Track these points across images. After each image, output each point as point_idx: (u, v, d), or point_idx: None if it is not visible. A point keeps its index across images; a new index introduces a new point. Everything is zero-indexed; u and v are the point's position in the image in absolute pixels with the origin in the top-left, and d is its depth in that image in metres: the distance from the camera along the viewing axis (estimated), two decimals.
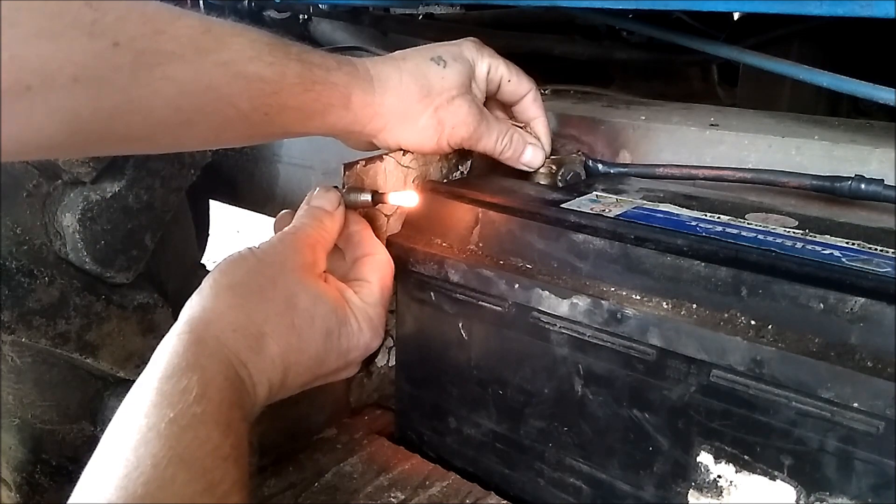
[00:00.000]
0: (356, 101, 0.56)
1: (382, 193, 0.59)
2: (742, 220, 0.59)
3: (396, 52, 0.61)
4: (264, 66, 0.50)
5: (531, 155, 0.66)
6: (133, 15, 0.44)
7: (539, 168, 0.68)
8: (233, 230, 2.42)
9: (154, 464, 0.39)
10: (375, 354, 0.71)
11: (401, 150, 0.62)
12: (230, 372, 0.46)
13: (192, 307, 0.48)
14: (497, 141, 0.64)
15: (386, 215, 0.65)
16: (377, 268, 0.57)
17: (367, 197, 0.58)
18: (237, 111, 0.50)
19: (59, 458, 0.88)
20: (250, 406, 0.47)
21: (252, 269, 0.51)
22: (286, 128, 0.55)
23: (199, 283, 0.50)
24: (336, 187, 0.59)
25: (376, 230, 0.62)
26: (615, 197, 0.65)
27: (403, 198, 0.60)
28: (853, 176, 0.59)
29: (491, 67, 0.63)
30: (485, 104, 0.64)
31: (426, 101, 0.59)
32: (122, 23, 0.43)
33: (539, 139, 0.67)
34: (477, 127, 0.61)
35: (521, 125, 0.67)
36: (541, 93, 0.67)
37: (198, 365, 0.44)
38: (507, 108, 0.68)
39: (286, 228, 0.55)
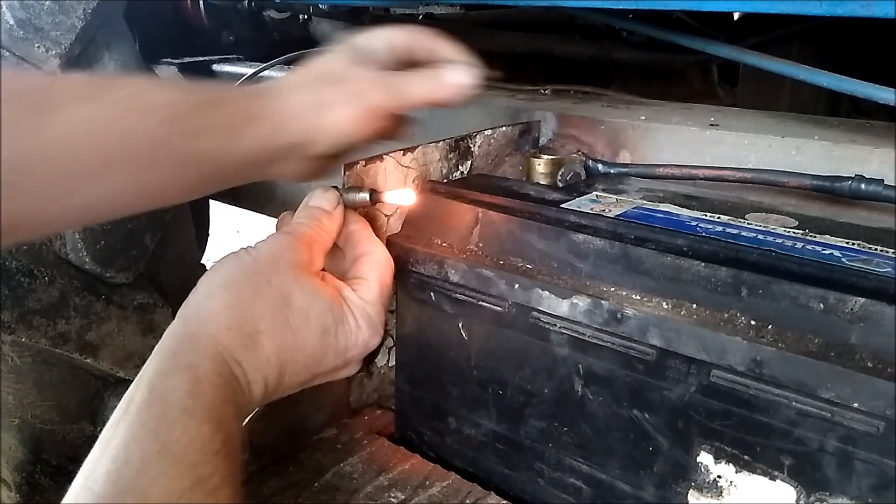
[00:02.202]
0: (270, 108, 0.54)
1: (380, 192, 0.59)
2: (742, 220, 0.59)
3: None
4: (167, 93, 0.49)
5: (454, 72, 0.60)
6: (21, 76, 0.43)
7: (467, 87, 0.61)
8: (233, 230, 2.42)
9: (142, 458, 0.39)
10: (376, 354, 0.71)
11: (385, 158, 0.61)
12: (224, 370, 0.46)
13: (187, 307, 0.49)
14: (419, 85, 0.59)
15: (386, 215, 0.65)
16: (376, 266, 0.57)
17: (366, 195, 0.58)
18: (149, 141, 0.48)
19: (59, 458, 0.88)
20: (245, 403, 0.47)
21: (247, 268, 0.51)
22: (212, 155, 0.52)
23: None
24: (335, 187, 0.59)
25: (376, 230, 0.62)
26: (615, 197, 0.65)
27: (401, 196, 0.60)
28: (853, 176, 0.59)
29: (372, 38, 0.60)
30: None
31: (332, 80, 0.56)
32: (7, 83, 0.42)
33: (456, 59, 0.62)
34: (390, 83, 0.57)
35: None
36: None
37: (190, 363, 0.44)
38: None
39: (283, 228, 0.55)
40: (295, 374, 0.51)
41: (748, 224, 0.58)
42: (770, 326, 0.46)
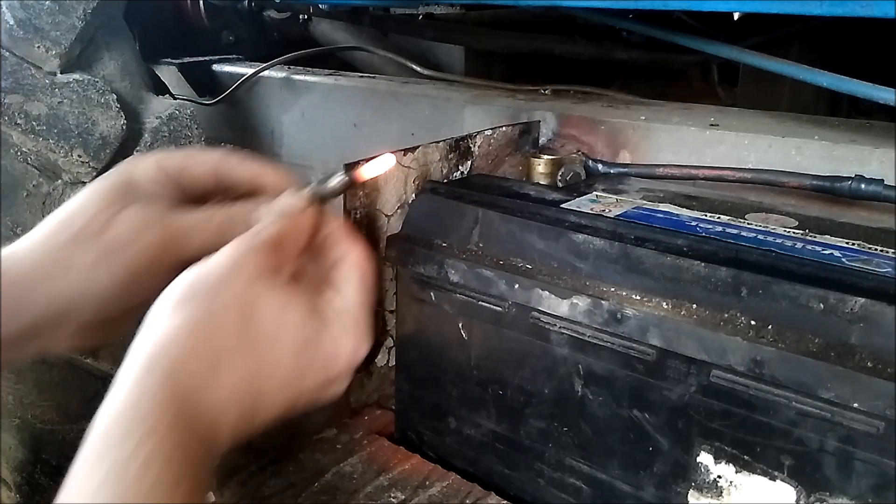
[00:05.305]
0: (8, 280, 0.48)
1: (356, 163, 0.52)
2: (742, 220, 0.59)
3: None
4: None
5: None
6: None
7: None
8: None
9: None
10: (375, 354, 0.71)
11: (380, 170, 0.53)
12: (183, 412, 0.39)
13: (139, 337, 0.41)
14: (204, 227, 0.53)
15: (386, 215, 0.65)
16: (356, 267, 0.50)
17: (341, 174, 0.51)
18: None
19: (59, 458, 0.88)
20: (210, 443, 0.41)
21: (201, 284, 0.44)
22: None
23: None
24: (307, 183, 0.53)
25: (377, 230, 0.61)
26: (615, 197, 0.65)
27: (380, 163, 0.53)
28: (853, 176, 0.59)
29: (157, 162, 0.54)
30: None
31: (74, 236, 0.50)
32: None
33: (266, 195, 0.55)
34: (165, 226, 0.51)
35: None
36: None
37: (145, 422, 0.38)
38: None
39: (244, 233, 0.47)
40: (272, 402, 0.44)
41: (748, 224, 0.58)
42: (770, 326, 0.46)
